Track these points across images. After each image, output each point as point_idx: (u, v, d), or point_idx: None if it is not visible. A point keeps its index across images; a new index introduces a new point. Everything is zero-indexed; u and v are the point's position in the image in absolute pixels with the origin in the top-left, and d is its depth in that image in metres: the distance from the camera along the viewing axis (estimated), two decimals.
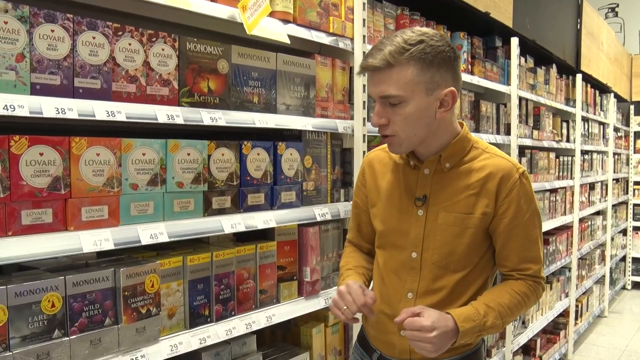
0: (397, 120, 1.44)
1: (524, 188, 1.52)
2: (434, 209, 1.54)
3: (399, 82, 1.40)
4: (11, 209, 1.39)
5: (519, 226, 1.52)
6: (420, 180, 1.56)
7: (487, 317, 1.45)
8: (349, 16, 2.40)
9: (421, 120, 1.45)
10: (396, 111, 1.43)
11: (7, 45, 1.39)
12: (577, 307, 5.46)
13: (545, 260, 4.56)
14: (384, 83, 1.41)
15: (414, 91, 1.41)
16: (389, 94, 1.42)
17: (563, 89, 5.11)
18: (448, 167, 1.54)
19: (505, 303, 1.49)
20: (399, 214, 1.59)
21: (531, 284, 1.56)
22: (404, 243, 1.58)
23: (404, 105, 1.42)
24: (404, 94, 1.41)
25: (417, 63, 1.39)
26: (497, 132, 3.80)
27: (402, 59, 1.39)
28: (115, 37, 1.60)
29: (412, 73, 1.39)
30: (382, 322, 1.63)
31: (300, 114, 2.18)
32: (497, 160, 1.53)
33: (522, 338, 4.10)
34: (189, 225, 1.74)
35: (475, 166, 1.53)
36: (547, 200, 4.62)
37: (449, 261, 1.53)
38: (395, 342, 1.59)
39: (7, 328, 1.36)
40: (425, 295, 1.56)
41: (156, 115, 1.65)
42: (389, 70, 1.40)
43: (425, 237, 1.54)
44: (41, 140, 1.44)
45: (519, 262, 1.55)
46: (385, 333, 1.62)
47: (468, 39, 3.40)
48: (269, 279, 2.06)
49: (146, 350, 1.62)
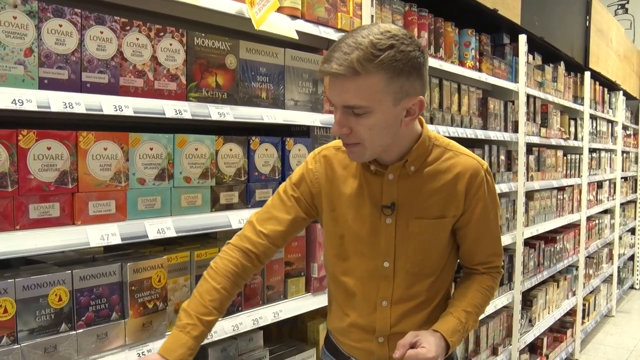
0: (361, 131, 1.31)
1: (489, 185, 1.51)
2: (403, 217, 1.46)
3: (365, 92, 1.25)
4: (19, 202, 1.39)
5: (487, 224, 1.52)
6: (386, 187, 1.46)
7: (467, 323, 1.48)
8: (357, 12, 2.39)
9: (386, 131, 1.34)
10: (360, 121, 1.30)
11: (16, 40, 1.39)
12: (585, 306, 5.44)
13: (552, 258, 4.54)
14: (348, 92, 1.26)
15: (380, 102, 1.28)
16: (353, 104, 1.27)
17: (571, 86, 5.08)
18: (413, 170, 1.45)
19: (479, 303, 1.54)
20: (364, 222, 1.48)
21: (494, 275, 1.60)
22: (373, 252, 1.49)
23: (368, 116, 1.29)
24: (369, 105, 1.27)
25: (386, 72, 1.25)
26: (505, 130, 3.78)
27: (370, 67, 1.23)
28: (123, 31, 1.60)
29: (380, 83, 1.25)
30: (354, 332, 1.56)
31: (309, 109, 2.17)
32: (463, 159, 1.48)
33: (529, 336, 4.09)
34: (196, 220, 1.74)
35: (441, 167, 1.46)
36: (554, 199, 4.60)
37: (422, 267, 1.50)
38: (374, 349, 1.54)
39: (15, 321, 1.36)
40: (400, 302, 1.51)
41: (164, 110, 1.65)
42: (355, 78, 1.24)
43: (397, 246, 1.47)
44: (49, 134, 1.44)
45: (485, 257, 1.58)
46: (361, 341, 1.56)
47: (476, 35, 3.39)
48: (276, 275, 2.06)
49: (153, 345, 1.61)
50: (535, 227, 4.15)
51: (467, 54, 3.33)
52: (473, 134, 3.24)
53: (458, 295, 1.57)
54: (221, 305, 1.46)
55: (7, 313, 1.35)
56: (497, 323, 3.75)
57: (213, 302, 1.43)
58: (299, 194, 1.55)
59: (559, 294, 4.83)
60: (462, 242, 1.56)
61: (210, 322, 1.43)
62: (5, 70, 1.38)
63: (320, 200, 1.55)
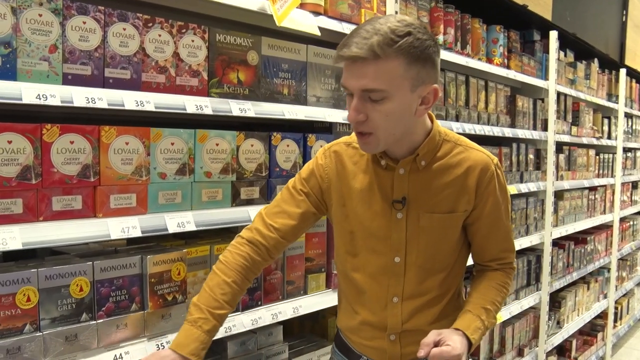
0: (377, 117, 1.30)
1: (500, 180, 1.51)
2: (414, 211, 1.46)
3: (384, 76, 1.26)
4: (42, 195, 1.43)
5: (498, 219, 1.52)
6: (397, 182, 1.46)
7: (488, 320, 1.48)
8: (381, 8, 2.38)
9: (402, 119, 1.34)
10: (377, 107, 1.29)
11: (41, 37, 1.43)
12: (617, 309, 5.31)
13: (582, 259, 4.45)
14: (367, 76, 1.26)
15: (399, 87, 1.28)
16: (373, 88, 1.27)
17: (605, 84, 4.96)
18: (423, 164, 1.45)
19: (496, 299, 1.53)
20: (375, 218, 1.48)
21: (508, 272, 1.59)
22: (384, 247, 1.49)
23: (386, 102, 1.29)
24: (388, 89, 1.27)
25: (405, 57, 1.26)
26: (534, 128, 3.72)
27: (390, 51, 1.24)
28: (146, 28, 1.63)
29: (399, 67, 1.26)
30: (366, 329, 1.56)
31: (331, 106, 2.18)
32: (473, 154, 1.48)
33: (557, 338, 4.02)
34: (216, 215, 1.76)
35: (451, 162, 1.46)
36: (585, 199, 4.51)
37: (434, 262, 1.49)
38: (386, 347, 1.54)
39: (37, 310, 1.41)
40: (411, 298, 1.50)
41: (185, 105, 1.67)
42: (375, 62, 1.25)
43: (408, 241, 1.47)
44: (72, 129, 1.48)
45: (498, 253, 1.58)
46: (373, 339, 1.55)
47: (505, 32, 3.33)
48: (297, 271, 2.07)
49: (172, 337, 1.63)
50: (565, 228, 4.06)
51: (495, 51, 3.28)
52: (500, 132, 3.20)
53: (474, 293, 1.55)
54: (232, 299, 1.47)
55: (30, 302, 1.39)
56: (524, 324, 3.70)
57: (224, 296, 1.44)
58: (308, 189, 1.56)
59: (589, 296, 4.73)
60: (474, 237, 1.55)
61: (221, 315, 1.44)
62: (31, 66, 1.42)
63: (329, 195, 1.55)
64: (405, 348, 1.53)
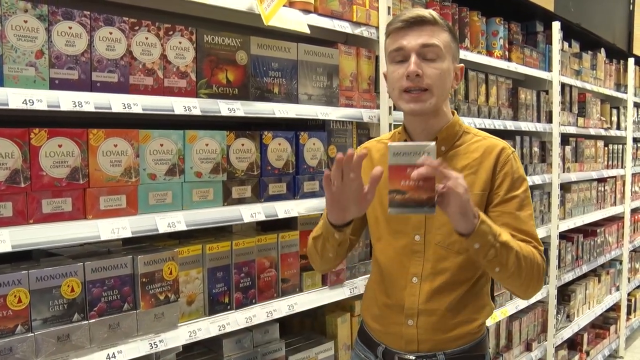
0: (432, 74, 1.48)
1: (517, 164, 1.55)
2: None
3: (441, 38, 1.49)
4: (32, 198, 1.46)
5: (514, 199, 1.51)
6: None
7: (502, 232, 1.38)
8: (373, 4, 2.38)
9: (447, 82, 1.52)
10: (432, 65, 1.48)
11: (27, 42, 1.46)
12: (630, 301, 5.25)
13: (593, 252, 4.40)
14: (428, 33, 1.47)
15: (448, 52, 1.51)
16: (432, 43, 1.47)
17: (613, 74, 4.90)
18: (443, 150, 1.56)
19: (516, 242, 1.42)
20: None
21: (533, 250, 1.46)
22: (405, 227, 1.57)
23: (439, 61, 1.48)
24: (444, 49, 1.48)
25: (450, 32, 1.53)
26: (538, 120, 3.69)
27: (442, 22, 1.50)
28: (132, 31, 1.65)
29: (448, 38, 1.51)
30: (385, 315, 1.61)
31: (323, 103, 2.18)
32: (490, 141, 1.58)
33: (567, 332, 3.98)
34: (207, 214, 1.78)
35: (470, 148, 1.57)
36: (594, 190, 4.46)
37: (452, 241, 1.51)
38: (403, 332, 1.57)
39: (29, 310, 1.43)
40: (430, 278, 1.54)
41: (173, 106, 1.69)
42: (434, 25, 1.48)
43: (427, 219, 1.54)
44: (60, 132, 1.51)
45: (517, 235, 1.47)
46: (390, 325, 1.60)
47: (505, 24, 3.31)
48: (292, 268, 2.08)
49: (164, 336, 1.66)
50: (573, 220, 4.03)
51: (495, 43, 3.26)
52: (502, 125, 3.18)
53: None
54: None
55: (21, 303, 1.42)
56: (532, 318, 3.67)
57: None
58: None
59: (601, 289, 4.68)
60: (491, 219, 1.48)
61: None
62: (17, 72, 1.44)
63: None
64: (422, 335, 1.55)
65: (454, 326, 1.55)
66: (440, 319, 1.54)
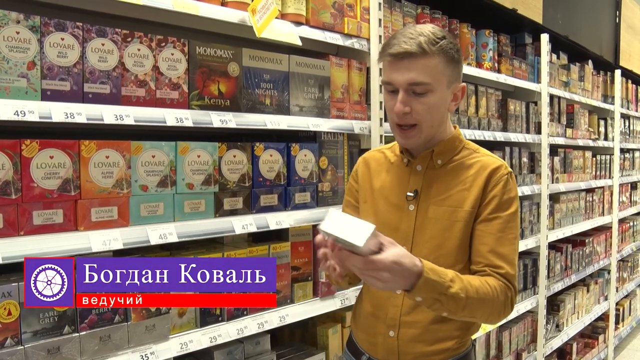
0: (421, 110, 1.46)
1: (509, 186, 1.52)
2: (424, 203, 1.54)
3: (430, 71, 1.43)
4: (23, 209, 1.45)
5: (498, 219, 1.49)
6: (413, 177, 1.58)
7: (453, 283, 1.33)
8: (364, 16, 2.40)
9: (440, 112, 1.50)
10: (421, 100, 1.45)
11: (18, 54, 1.46)
12: (618, 310, 5.28)
13: (581, 261, 4.43)
14: (416, 70, 1.43)
15: (439, 82, 1.45)
16: (420, 81, 1.43)
17: (600, 85, 4.96)
18: (440, 164, 1.56)
19: (474, 285, 1.38)
20: (390, 210, 1.58)
21: (503, 285, 1.45)
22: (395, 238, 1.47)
23: (429, 95, 1.45)
24: (432, 83, 1.44)
25: (444, 56, 1.45)
26: (527, 131, 3.72)
27: (434, 49, 1.43)
28: (124, 43, 1.65)
29: (440, 64, 1.44)
30: (370, 324, 1.62)
31: (314, 115, 2.19)
32: (488, 159, 1.56)
33: (556, 342, 4.00)
34: (199, 226, 1.78)
35: (466, 163, 1.56)
36: (582, 200, 4.50)
37: (438, 255, 1.49)
38: (385, 343, 1.56)
39: (19, 323, 1.42)
40: None
41: (165, 118, 1.69)
42: (422, 57, 1.42)
43: (416, 232, 1.54)
44: (51, 144, 1.50)
45: (492, 257, 1.47)
46: (374, 335, 1.60)
47: (494, 36, 3.35)
48: (283, 279, 2.08)
49: (156, 348, 1.66)
50: (562, 230, 4.06)
51: (485, 55, 3.29)
52: (492, 136, 3.20)
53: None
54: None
55: (11, 315, 1.41)
56: (521, 328, 3.69)
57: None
58: (351, 195, 1.74)
59: (590, 299, 4.71)
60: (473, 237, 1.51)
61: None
62: (9, 83, 1.44)
63: (359, 196, 1.70)
64: (403, 346, 1.55)
65: (436, 340, 1.53)
66: (421, 332, 1.53)
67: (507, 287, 1.46)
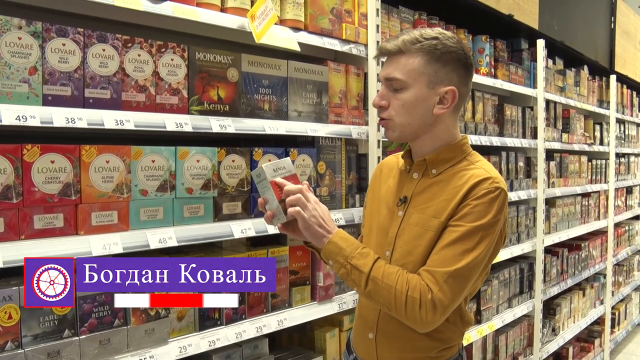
0: (395, 105, 1.50)
1: (488, 198, 1.43)
2: (410, 210, 1.53)
3: (404, 69, 1.47)
4: (24, 214, 1.46)
5: (459, 227, 1.41)
6: (407, 183, 1.58)
7: (362, 257, 1.43)
8: (362, 22, 2.42)
9: (417, 110, 1.48)
10: (396, 96, 1.49)
11: (20, 59, 1.47)
12: (614, 315, 5.31)
13: (577, 266, 4.46)
14: (391, 67, 1.49)
15: (416, 80, 1.46)
16: (393, 77, 1.48)
17: (596, 90, 4.99)
18: (435, 173, 1.52)
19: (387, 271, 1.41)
20: (386, 215, 1.60)
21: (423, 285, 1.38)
22: (383, 242, 1.56)
23: (404, 92, 1.48)
24: (406, 80, 1.46)
25: (425, 55, 1.46)
26: (523, 136, 3.75)
27: (412, 48, 1.46)
28: (125, 48, 1.67)
29: (418, 63, 1.46)
30: (358, 324, 1.67)
31: (313, 120, 2.21)
32: (480, 171, 1.48)
33: (552, 346, 4.02)
34: (198, 230, 1.79)
35: (459, 174, 1.49)
36: (578, 205, 4.52)
37: (407, 261, 1.47)
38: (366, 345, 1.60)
39: (19, 327, 1.43)
40: None
41: (165, 123, 1.71)
42: (399, 56, 1.48)
43: (397, 237, 1.53)
44: (52, 148, 1.51)
45: (434, 261, 1.42)
46: (360, 335, 1.64)
47: (491, 42, 3.37)
48: (281, 284, 2.09)
49: (155, 351, 1.67)
50: (558, 235, 4.08)
51: (482, 61, 3.32)
52: (488, 141, 3.23)
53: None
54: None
55: (11, 319, 1.42)
56: (518, 332, 3.70)
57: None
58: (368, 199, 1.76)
59: (585, 303, 4.73)
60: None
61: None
62: (11, 88, 1.45)
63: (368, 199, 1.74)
64: (381, 350, 1.56)
65: (413, 349, 1.52)
66: (397, 340, 1.51)
67: (427, 289, 1.38)
